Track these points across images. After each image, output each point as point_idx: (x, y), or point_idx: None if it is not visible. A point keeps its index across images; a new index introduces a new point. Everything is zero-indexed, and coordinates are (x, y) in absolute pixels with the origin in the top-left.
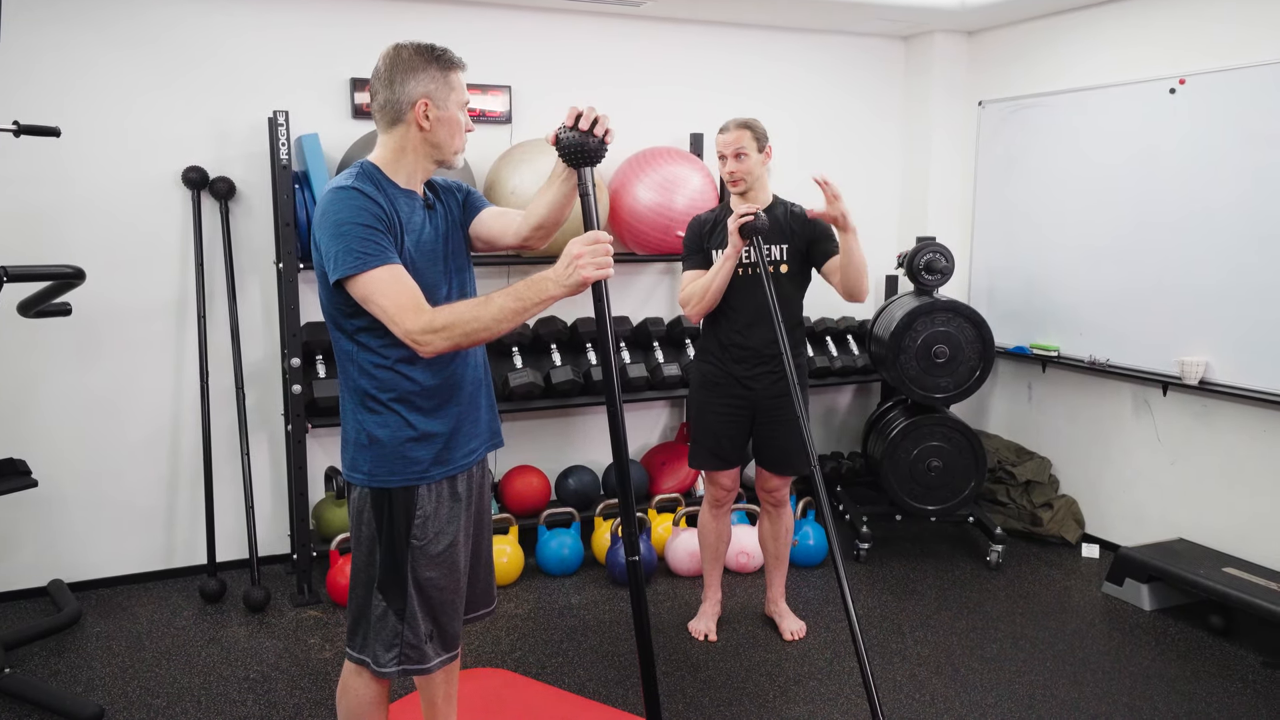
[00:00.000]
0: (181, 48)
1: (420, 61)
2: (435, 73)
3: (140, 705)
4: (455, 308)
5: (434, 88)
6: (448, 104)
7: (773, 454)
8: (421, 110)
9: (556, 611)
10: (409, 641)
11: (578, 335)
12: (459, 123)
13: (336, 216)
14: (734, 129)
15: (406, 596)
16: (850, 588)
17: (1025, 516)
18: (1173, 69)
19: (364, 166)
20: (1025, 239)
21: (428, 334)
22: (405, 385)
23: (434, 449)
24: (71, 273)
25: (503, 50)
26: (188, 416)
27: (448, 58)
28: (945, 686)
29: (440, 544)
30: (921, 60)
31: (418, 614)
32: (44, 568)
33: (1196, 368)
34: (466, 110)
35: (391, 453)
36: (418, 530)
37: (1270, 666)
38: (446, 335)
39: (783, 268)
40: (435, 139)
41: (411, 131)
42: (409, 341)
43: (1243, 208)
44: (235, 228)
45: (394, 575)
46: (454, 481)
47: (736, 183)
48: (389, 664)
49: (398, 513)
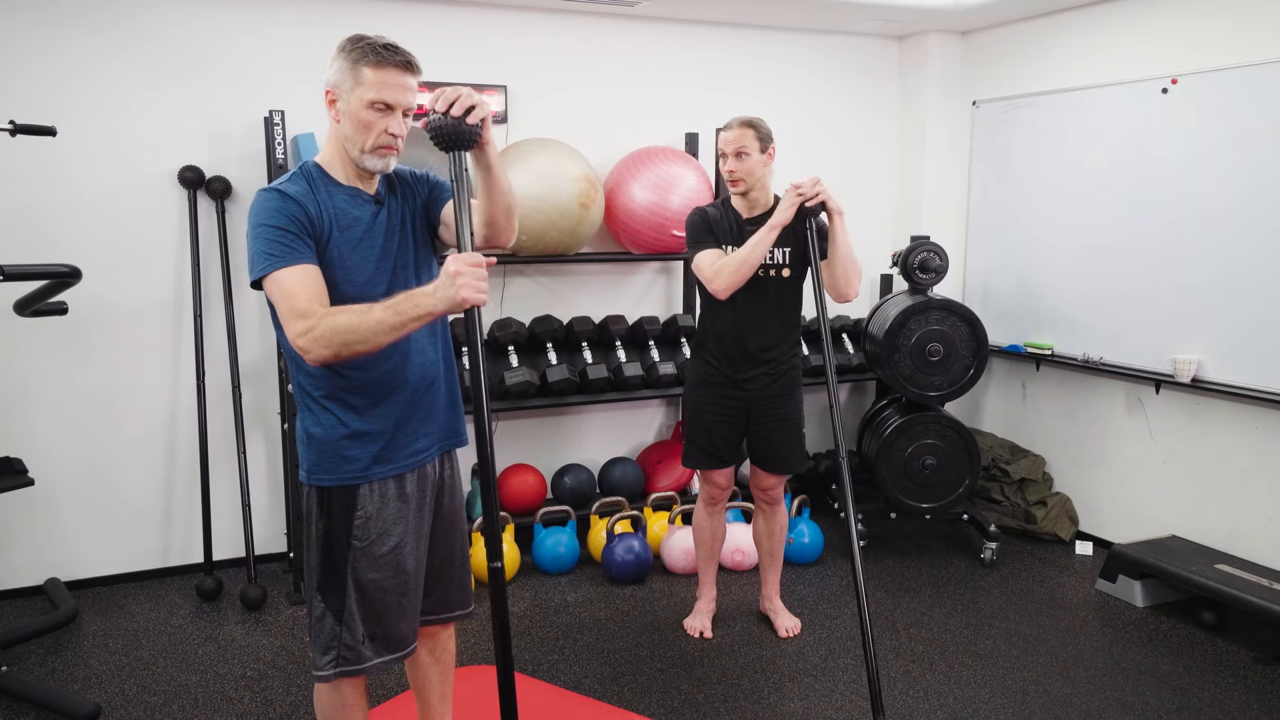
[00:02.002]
0: (178, 48)
1: (339, 51)
2: (344, 63)
3: (137, 703)
4: (336, 316)
5: (340, 79)
6: (350, 98)
7: (767, 453)
8: (328, 101)
9: (552, 609)
10: (345, 643)
11: (573, 334)
12: (364, 122)
13: (254, 219)
14: (736, 127)
15: (345, 597)
16: (849, 584)
17: (1019, 514)
18: (1165, 69)
19: (304, 165)
20: (1019, 238)
21: (305, 338)
22: (337, 382)
23: (372, 448)
24: (67, 272)
25: (498, 50)
26: (184, 415)
27: (364, 49)
28: (939, 683)
29: (384, 545)
30: (916, 60)
31: (356, 615)
32: (41, 566)
33: (1189, 366)
34: (379, 112)
35: (328, 450)
36: (359, 530)
37: (1262, 662)
38: (325, 343)
39: (784, 271)
40: (344, 132)
41: (332, 124)
42: (296, 343)
43: (1235, 207)
44: (231, 227)
45: (332, 576)
46: (401, 481)
47: (736, 182)
48: (325, 666)
49: (337, 512)
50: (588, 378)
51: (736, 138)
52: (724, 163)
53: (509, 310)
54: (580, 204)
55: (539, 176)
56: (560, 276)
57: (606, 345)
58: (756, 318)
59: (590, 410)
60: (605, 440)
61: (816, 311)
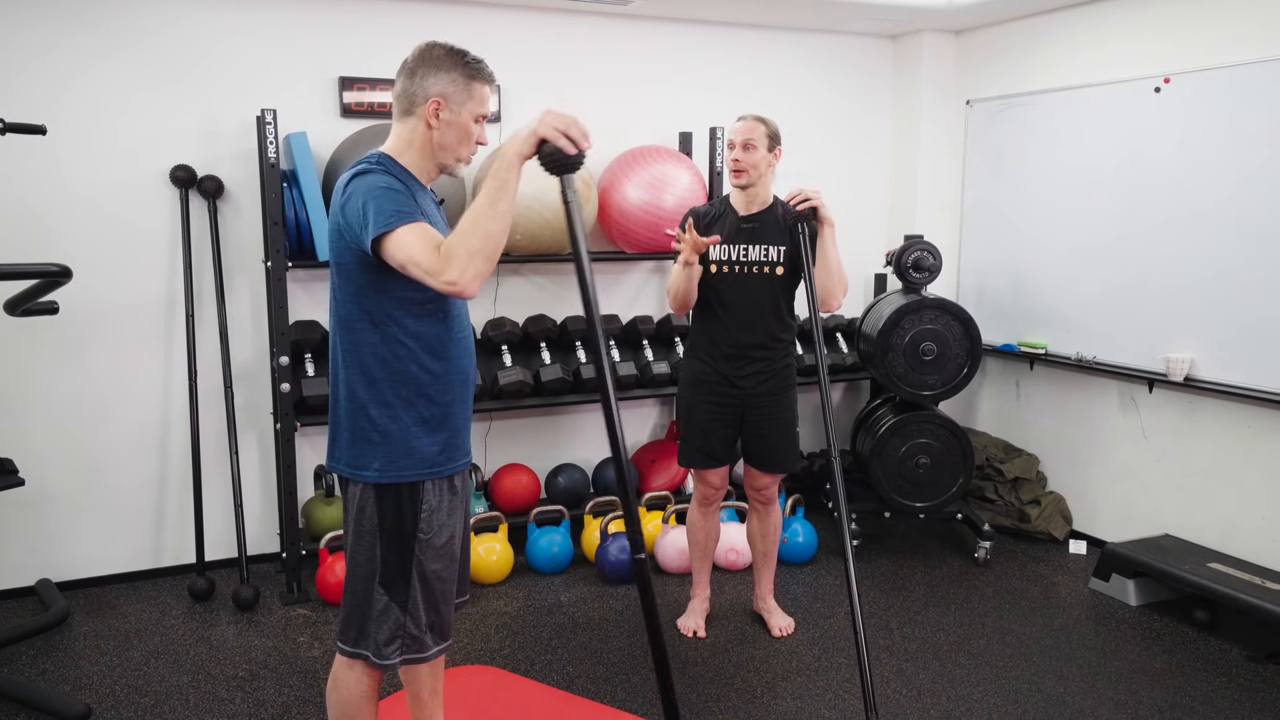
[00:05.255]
0: (171, 47)
1: (447, 61)
2: (458, 76)
3: (128, 704)
4: (451, 238)
5: (452, 90)
6: (462, 110)
7: (761, 452)
8: (433, 109)
9: (546, 609)
10: (410, 633)
11: (567, 334)
12: (469, 132)
13: (366, 186)
14: (749, 119)
15: (410, 589)
16: (842, 583)
17: (1013, 513)
18: (1158, 67)
19: (379, 156)
20: (1013, 237)
21: (452, 269)
22: (422, 378)
23: (441, 443)
24: (58, 271)
25: (491, 49)
26: (176, 415)
27: (476, 66)
28: (932, 681)
29: (443, 536)
30: (910, 59)
31: (420, 605)
32: (31, 567)
33: (1182, 364)
34: (482, 123)
35: (402, 448)
36: (424, 524)
37: (1254, 661)
38: (468, 256)
39: (779, 269)
40: (442, 140)
41: (420, 127)
42: (449, 288)
43: (1228, 206)
44: (223, 226)
45: (400, 569)
46: (453, 477)
47: (739, 173)
48: (391, 655)
49: (405, 507)
50: (581, 377)
51: (746, 129)
52: (730, 152)
53: (502, 310)
54: None
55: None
56: (554, 276)
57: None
58: (750, 315)
59: (584, 410)
60: (599, 440)
61: (809, 311)
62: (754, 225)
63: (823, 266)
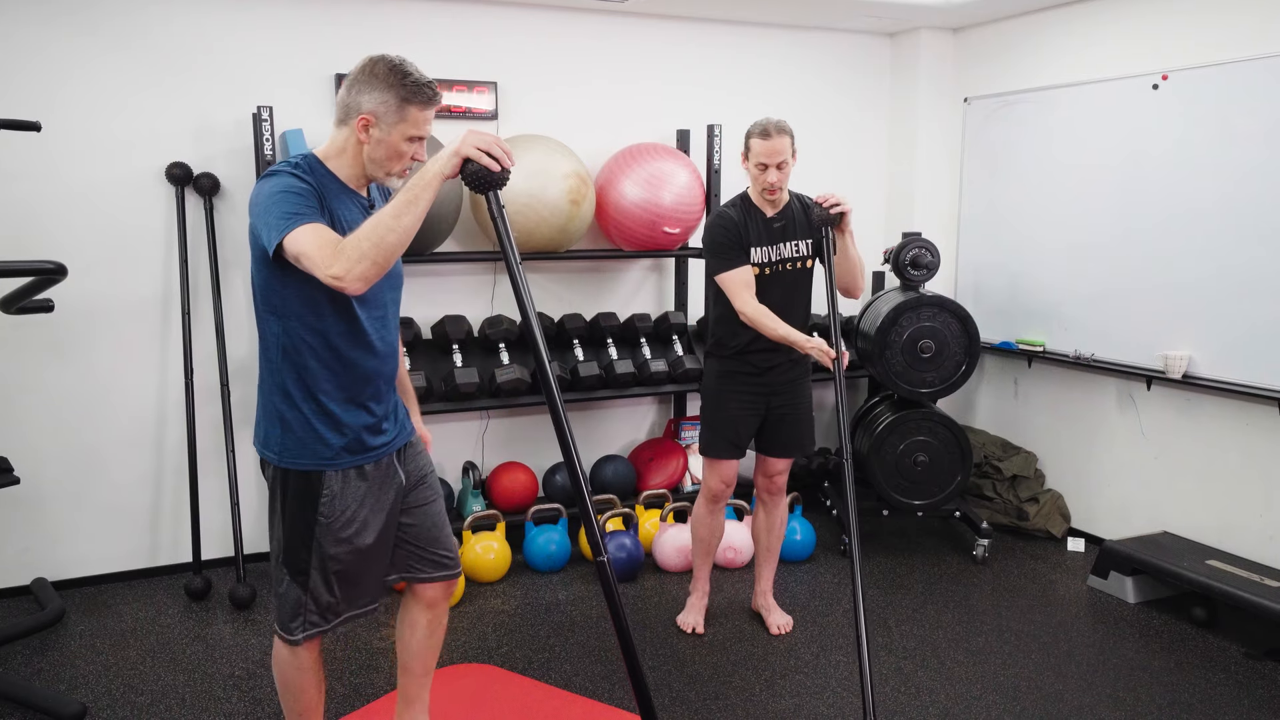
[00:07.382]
0: (166, 45)
1: (386, 80)
2: (391, 97)
3: (124, 703)
4: (353, 234)
5: (384, 111)
6: (392, 131)
7: (781, 437)
8: (362, 125)
9: (543, 607)
10: (311, 609)
11: (564, 332)
12: (399, 151)
13: (268, 189)
14: (775, 135)
15: (310, 569)
16: (840, 581)
17: (1011, 511)
18: (1156, 65)
19: (305, 157)
20: (1011, 234)
21: (339, 264)
22: (321, 374)
23: (341, 438)
24: (53, 269)
25: (488, 47)
26: (172, 413)
27: (415, 89)
28: (931, 679)
29: (346, 521)
30: (907, 57)
31: (319, 585)
32: (27, 566)
33: (1180, 362)
34: (419, 144)
35: (300, 437)
36: (325, 508)
37: (1252, 658)
38: (357, 256)
39: (808, 262)
40: (372, 155)
41: (352, 137)
42: (334, 282)
43: (1226, 203)
44: (219, 224)
45: (301, 549)
46: (362, 465)
47: (775, 192)
48: (296, 630)
49: (305, 491)
50: (579, 375)
51: (779, 148)
52: (762, 174)
53: (500, 308)
54: (571, 201)
55: (529, 173)
56: (551, 273)
57: (598, 343)
58: (786, 309)
59: (582, 408)
60: (597, 438)
61: (827, 309)
62: (783, 224)
63: (846, 261)
